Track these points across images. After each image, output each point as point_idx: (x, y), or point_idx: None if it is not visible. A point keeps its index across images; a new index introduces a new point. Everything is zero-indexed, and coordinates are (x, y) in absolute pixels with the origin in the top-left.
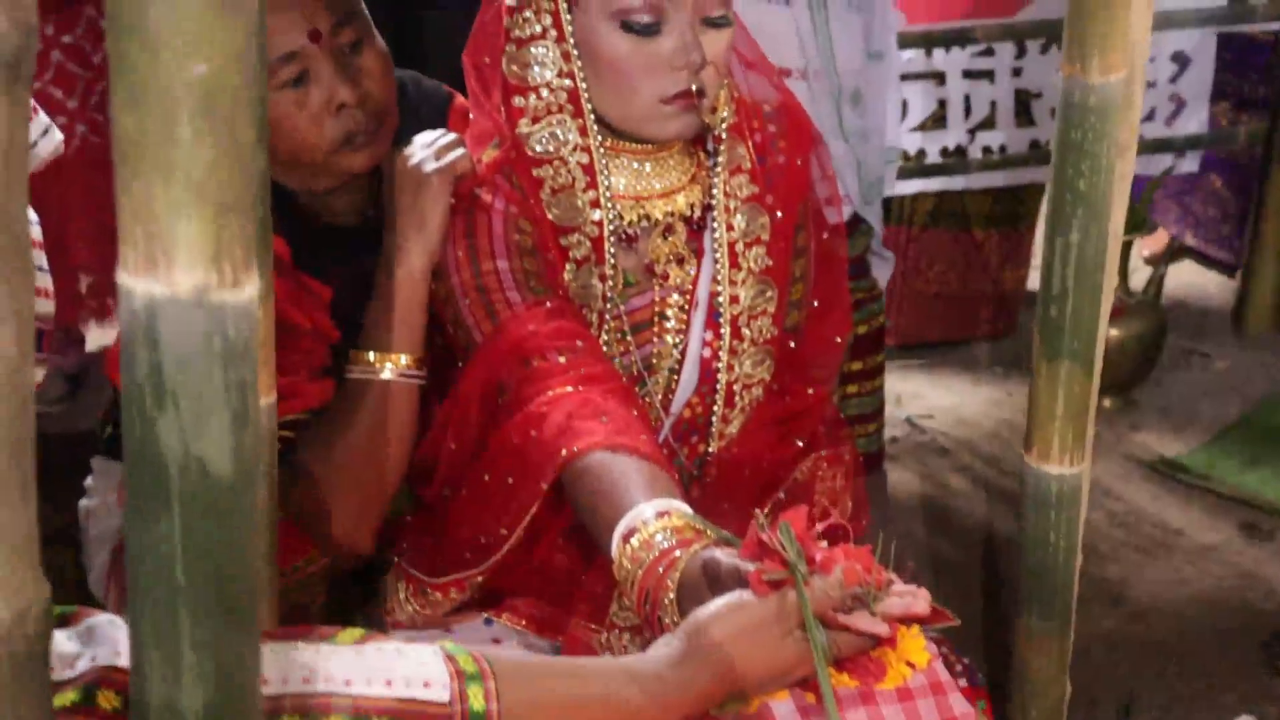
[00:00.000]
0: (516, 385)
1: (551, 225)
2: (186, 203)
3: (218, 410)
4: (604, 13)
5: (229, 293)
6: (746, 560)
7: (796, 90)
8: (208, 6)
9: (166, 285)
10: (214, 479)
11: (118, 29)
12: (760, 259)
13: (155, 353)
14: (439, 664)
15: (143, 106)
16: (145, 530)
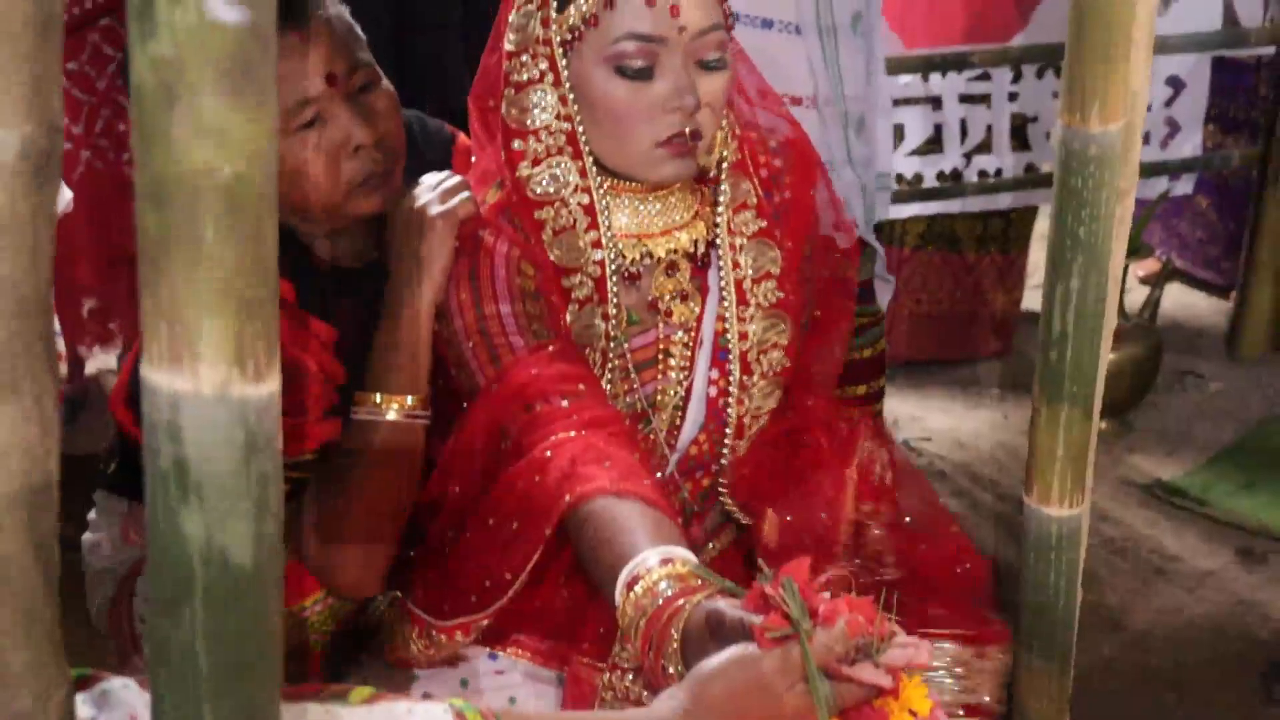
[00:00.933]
0: (520, 430)
1: (554, 267)
2: (211, 301)
3: (240, 501)
4: (598, 58)
5: (251, 387)
6: (750, 612)
7: (807, 118)
8: (230, 109)
9: (191, 381)
10: (236, 569)
11: (143, 131)
12: (770, 293)
13: (179, 446)
14: None
15: (167, 206)
16: (168, 618)
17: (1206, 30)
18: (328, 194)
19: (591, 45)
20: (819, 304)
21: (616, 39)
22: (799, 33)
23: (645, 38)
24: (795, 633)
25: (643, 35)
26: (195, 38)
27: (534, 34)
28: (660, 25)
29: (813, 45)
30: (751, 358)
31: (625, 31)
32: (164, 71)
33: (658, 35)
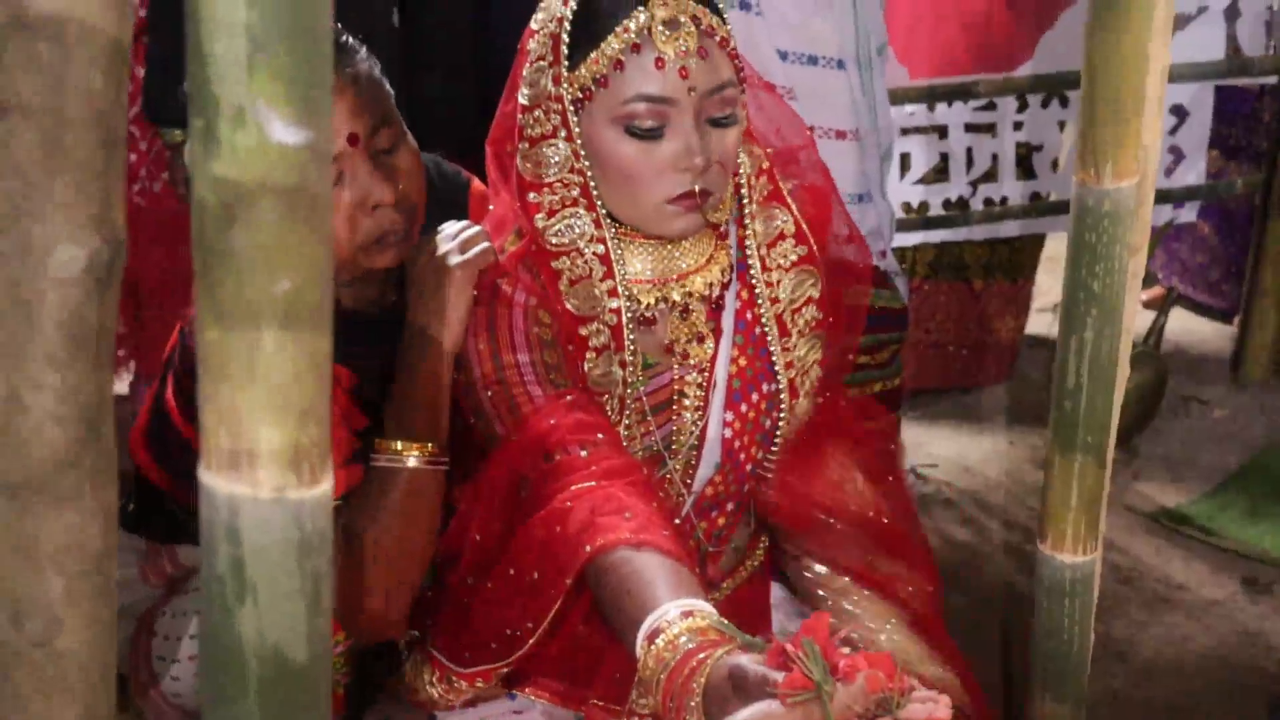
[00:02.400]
0: (539, 479)
1: (571, 315)
2: (269, 410)
3: (294, 600)
4: (608, 118)
5: (306, 490)
6: (772, 669)
7: (849, 151)
8: (288, 228)
9: (249, 486)
10: (289, 665)
11: (205, 250)
12: (812, 316)
13: (236, 547)
14: None
15: (228, 320)
16: (224, 713)
17: (1210, 60)
18: (344, 249)
19: (602, 105)
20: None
21: (627, 100)
22: (842, 67)
23: (655, 99)
24: (817, 692)
25: (653, 96)
26: (256, 158)
27: (546, 90)
28: (670, 87)
29: (854, 79)
30: (798, 382)
31: (635, 93)
32: (225, 191)
33: (667, 96)
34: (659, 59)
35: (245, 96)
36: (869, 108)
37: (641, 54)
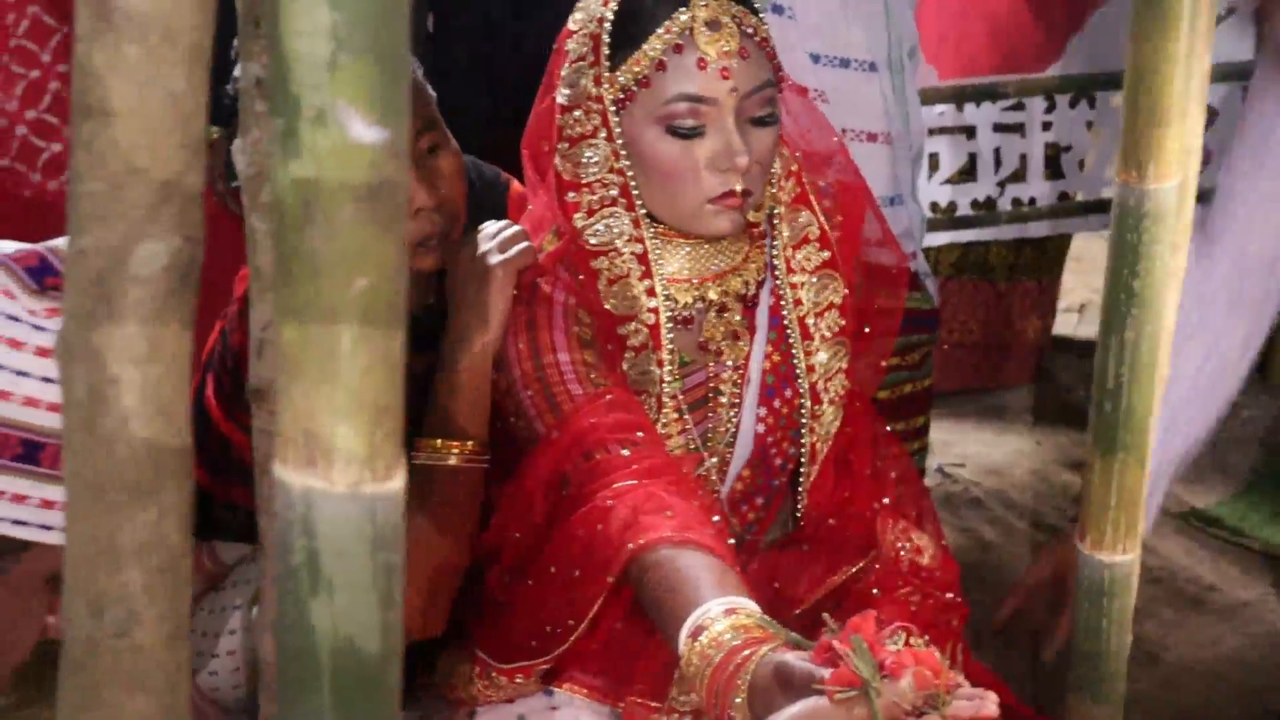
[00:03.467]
0: (580, 478)
1: (609, 315)
2: (345, 408)
3: (367, 593)
4: (649, 118)
5: (379, 486)
6: (818, 665)
7: (880, 154)
8: (366, 227)
9: (324, 481)
10: (362, 658)
11: (283, 249)
12: (834, 322)
13: (312, 541)
14: None
15: (305, 319)
16: (297, 707)
17: (1239, 60)
18: None
19: (643, 105)
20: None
21: (668, 100)
22: (874, 70)
23: (696, 99)
24: (864, 689)
25: (694, 96)
26: (336, 158)
27: (586, 91)
28: (711, 87)
29: (885, 81)
30: (820, 387)
31: (677, 93)
32: (305, 191)
33: (709, 96)
34: (701, 59)
35: (326, 97)
36: (900, 110)
37: (683, 54)
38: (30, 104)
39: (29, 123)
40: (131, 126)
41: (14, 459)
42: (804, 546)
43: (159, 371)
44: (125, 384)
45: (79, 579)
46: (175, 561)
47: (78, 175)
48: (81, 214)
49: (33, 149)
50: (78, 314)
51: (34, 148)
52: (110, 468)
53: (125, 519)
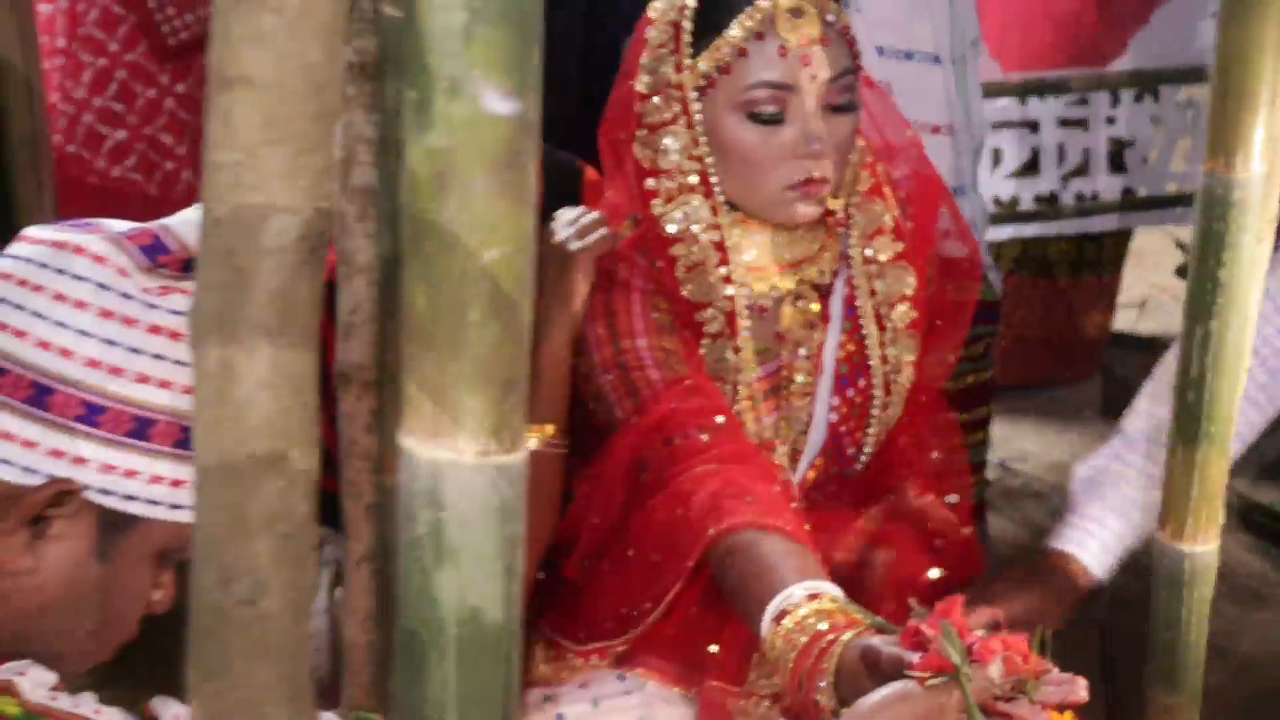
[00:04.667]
0: (659, 463)
1: (686, 302)
2: (474, 379)
3: (492, 563)
4: (730, 104)
5: (506, 457)
6: (906, 649)
7: (943, 145)
8: (498, 198)
9: (451, 451)
10: (487, 628)
11: (415, 218)
12: (905, 314)
13: (438, 511)
14: None
15: (435, 290)
16: (420, 675)
17: None
18: None
19: (724, 91)
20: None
21: (749, 86)
22: (937, 62)
23: (778, 85)
24: (954, 673)
25: (775, 83)
26: (470, 129)
27: (666, 78)
28: (792, 73)
29: (948, 74)
30: (892, 379)
31: (758, 79)
32: (438, 161)
33: (790, 83)
34: (782, 46)
35: (461, 68)
36: (962, 102)
37: (765, 41)
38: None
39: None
40: (268, 97)
41: (127, 434)
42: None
43: (289, 343)
44: (257, 355)
45: (208, 549)
46: (301, 531)
47: (213, 145)
48: (215, 185)
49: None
50: (210, 285)
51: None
52: (240, 438)
53: (254, 489)
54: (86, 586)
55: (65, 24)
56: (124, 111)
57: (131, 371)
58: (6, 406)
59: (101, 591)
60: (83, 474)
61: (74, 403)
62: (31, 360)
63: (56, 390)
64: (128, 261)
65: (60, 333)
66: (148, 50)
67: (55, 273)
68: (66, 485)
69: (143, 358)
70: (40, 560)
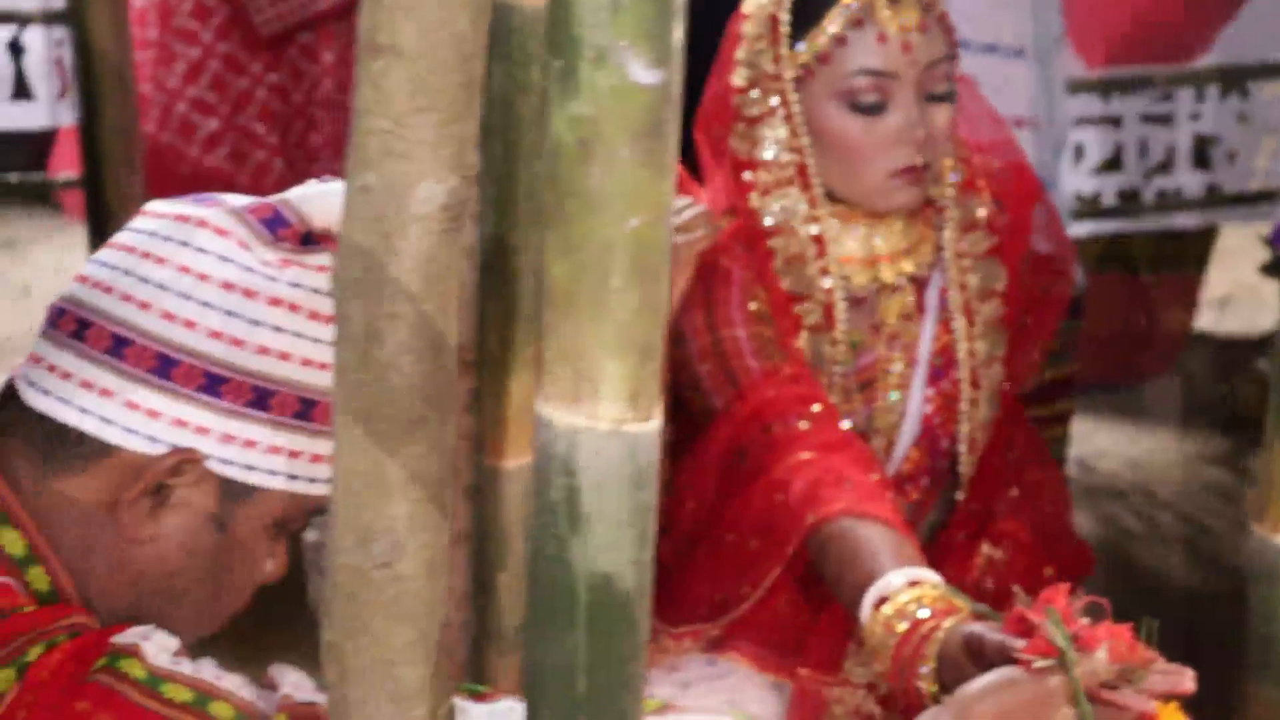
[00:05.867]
0: (757, 451)
1: (785, 294)
2: (613, 346)
3: (625, 530)
4: (830, 93)
5: (641, 425)
6: (1010, 636)
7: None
8: (640, 167)
9: (588, 418)
10: (618, 594)
11: (557, 185)
12: (995, 308)
13: (572, 478)
14: None
15: (577, 256)
16: (551, 641)
17: None
18: None
19: (824, 81)
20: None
21: (849, 75)
22: (1021, 56)
23: (878, 73)
24: (1061, 659)
25: (875, 71)
26: (614, 98)
27: (764, 70)
28: (892, 60)
29: (1032, 68)
30: (980, 373)
31: (858, 67)
32: (582, 129)
33: (890, 70)
34: (881, 34)
35: (607, 38)
36: (1046, 97)
37: (864, 29)
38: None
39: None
40: (418, 66)
41: (247, 405)
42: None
43: (432, 307)
44: (401, 319)
45: (347, 510)
46: (437, 494)
47: (363, 112)
48: (365, 151)
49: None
50: (356, 250)
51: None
52: (382, 401)
53: (393, 451)
54: (205, 555)
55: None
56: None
57: (252, 343)
58: (132, 377)
59: (219, 561)
60: (204, 444)
61: (197, 373)
62: (156, 332)
63: (181, 361)
64: (249, 235)
65: (184, 305)
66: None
67: (179, 246)
68: (188, 455)
69: (263, 330)
70: (161, 528)
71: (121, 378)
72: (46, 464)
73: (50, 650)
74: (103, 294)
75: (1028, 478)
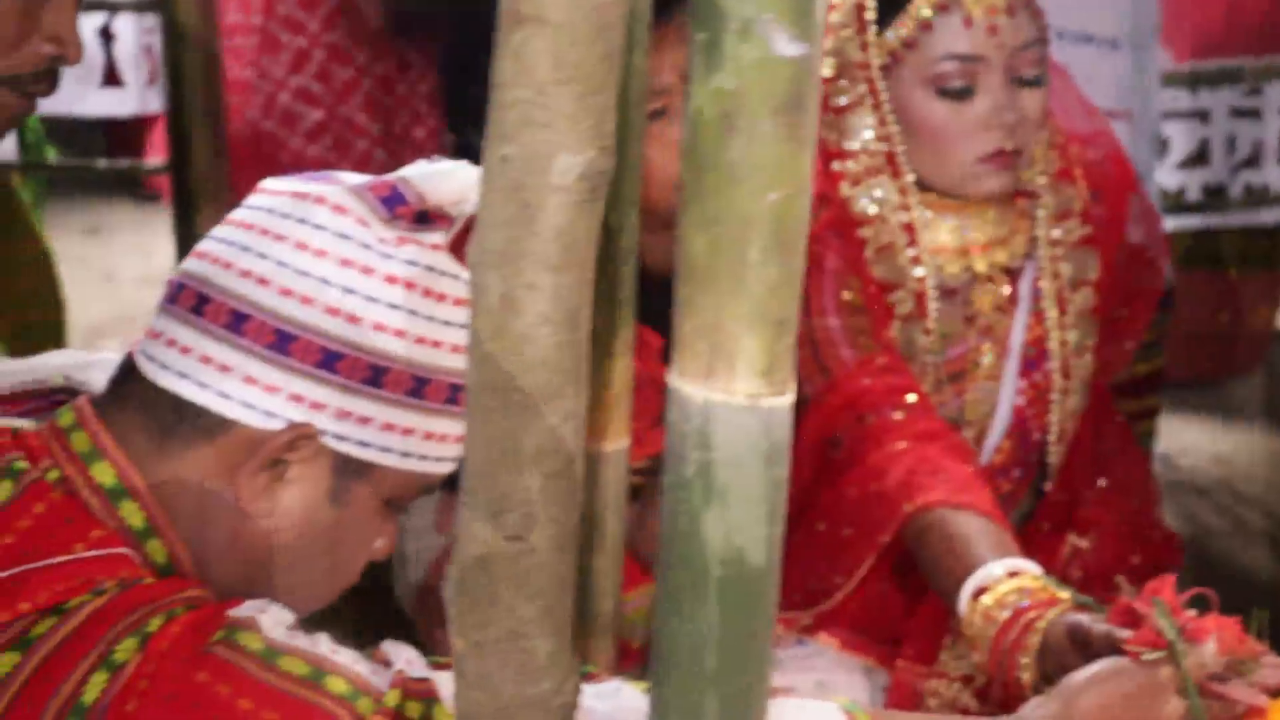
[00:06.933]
0: (853, 440)
1: (877, 283)
2: (750, 320)
3: (758, 506)
4: (919, 79)
5: (776, 399)
6: (1116, 626)
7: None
8: (782, 141)
9: (724, 392)
10: (749, 570)
11: (697, 159)
12: (1088, 298)
13: (707, 453)
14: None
15: (716, 230)
16: (682, 616)
17: None
18: (662, 185)
19: (911, 67)
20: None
21: (936, 60)
22: (1116, 47)
23: (965, 58)
24: (1169, 651)
25: (962, 55)
26: (757, 71)
27: (851, 59)
28: (979, 44)
29: (1127, 59)
30: (1071, 363)
31: (945, 52)
32: (725, 103)
33: (977, 54)
34: (967, 18)
35: (752, 10)
36: (1140, 89)
37: (950, 13)
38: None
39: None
40: (560, 36)
41: (362, 382)
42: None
43: (570, 280)
44: (539, 289)
45: (478, 481)
46: (570, 467)
47: (503, 83)
48: (505, 122)
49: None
50: (494, 221)
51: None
52: (517, 372)
53: (527, 423)
54: (319, 531)
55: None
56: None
57: (368, 320)
58: (250, 352)
59: (332, 537)
60: (320, 419)
61: (314, 349)
62: (274, 307)
63: (298, 337)
64: (367, 211)
65: (302, 281)
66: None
67: (296, 222)
68: (305, 430)
69: (379, 306)
70: (277, 504)
71: (240, 353)
72: (165, 438)
73: (170, 621)
74: (222, 270)
75: (1116, 469)
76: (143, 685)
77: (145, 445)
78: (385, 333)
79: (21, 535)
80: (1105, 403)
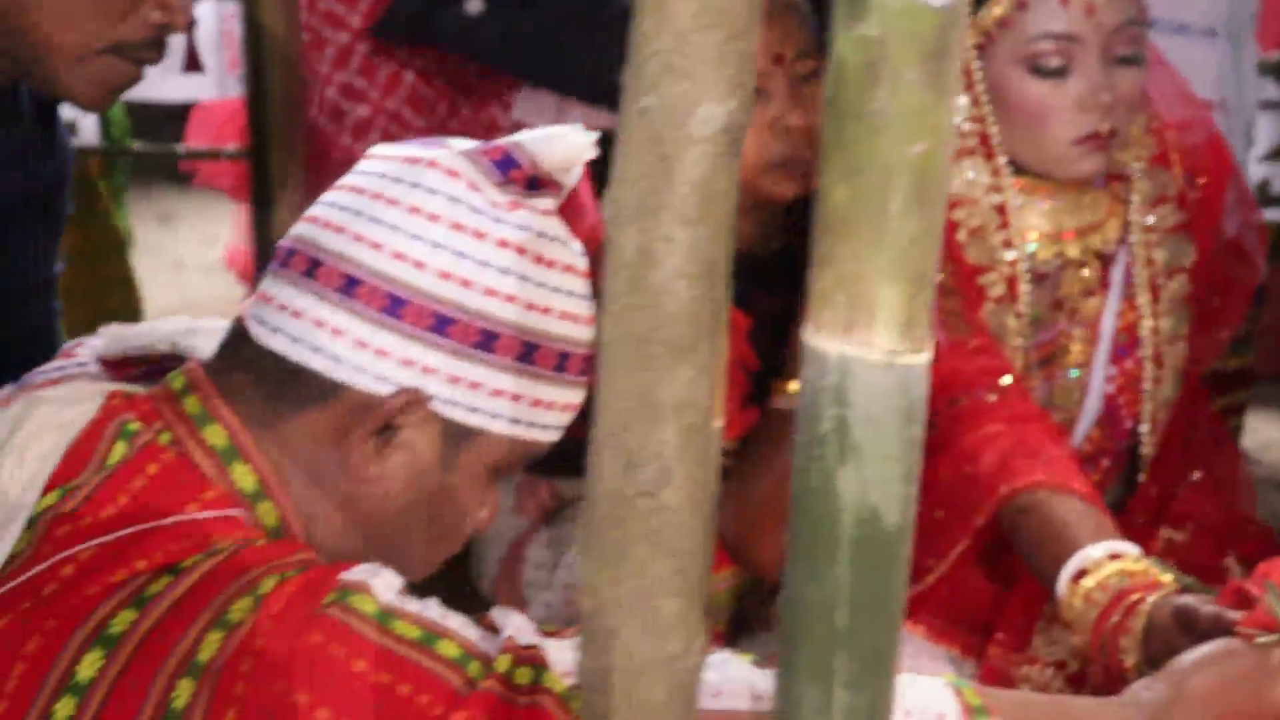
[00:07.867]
0: (945, 422)
1: (969, 265)
2: (890, 272)
3: (894, 464)
4: (1013, 58)
5: (913, 356)
6: (1225, 608)
7: None
8: (927, 89)
9: (862, 348)
10: (884, 529)
11: (839, 109)
12: (1182, 286)
13: (844, 409)
14: (949, 697)
15: (858, 181)
16: (812, 574)
17: None
18: (746, 170)
19: (1005, 46)
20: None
21: (1031, 39)
22: (1213, 35)
23: (1060, 36)
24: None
25: (1058, 34)
26: (903, 20)
27: None
28: (1075, 23)
29: (1223, 49)
30: (1164, 352)
31: (1040, 31)
32: (869, 51)
33: (1073, 33)
34: None
35: None
36: (1236, 79)
37: None
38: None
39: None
40: None
41: (473, 346)
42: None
43: (707, 233)
44: (677, 243)
45: (613, 434)
46: (706, 422)
47: (644, 37)
48: (646, 74)
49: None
50: (631, 174)
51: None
52: (654, 324)
53: (664, 375)
54: (426, 497)
55: None
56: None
57: (480, 285)
58: (363, 316)
59: (439, 503)
60: (430, 384)
61: (426, 314)
62: (387, 271)
63: (410, 302)
64: (480, 176)
65: (414, 245)
66: None
67: (409, 187)
68: (415, 395)
69: (490, 271)
70: (386, 468)
71: (352, 316)
72: (276, 401)
73: (283, 583)
74: (334, 234)
75: (1211, 462)
76: (258, 644)
77: (256, 408)
78: (496, 298)
79: (136, 495)
80: (1199, 395)
